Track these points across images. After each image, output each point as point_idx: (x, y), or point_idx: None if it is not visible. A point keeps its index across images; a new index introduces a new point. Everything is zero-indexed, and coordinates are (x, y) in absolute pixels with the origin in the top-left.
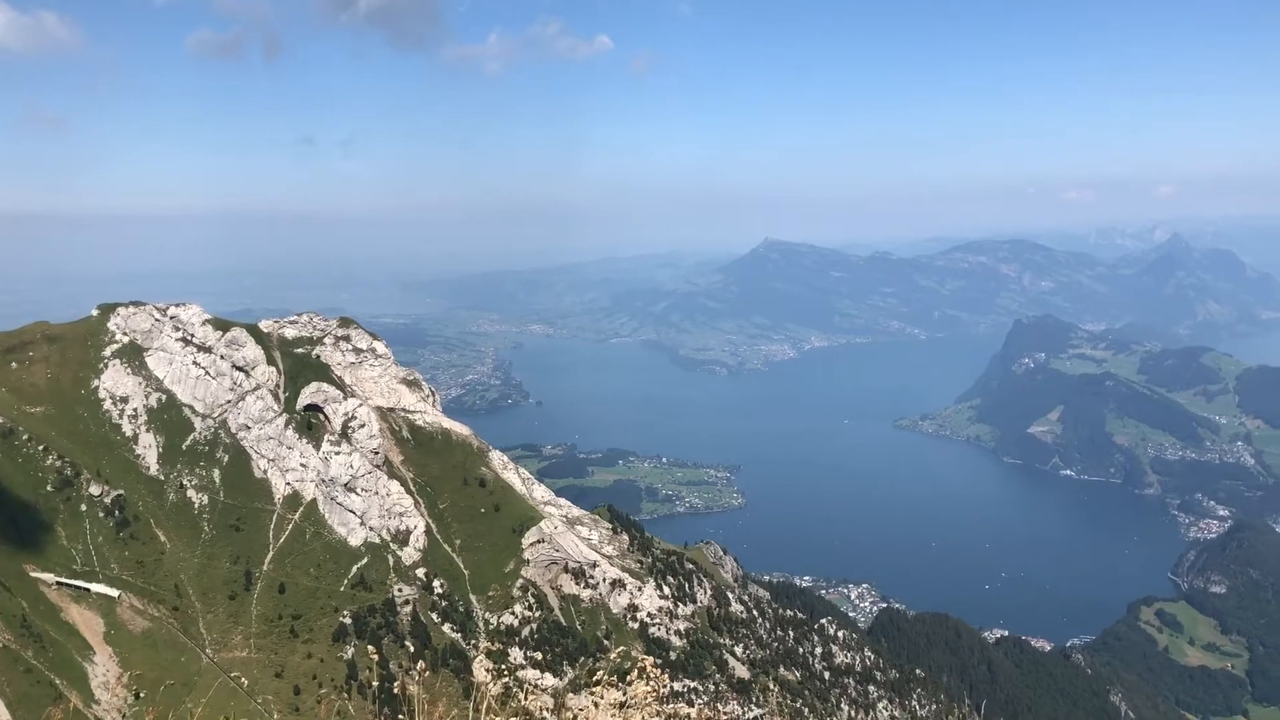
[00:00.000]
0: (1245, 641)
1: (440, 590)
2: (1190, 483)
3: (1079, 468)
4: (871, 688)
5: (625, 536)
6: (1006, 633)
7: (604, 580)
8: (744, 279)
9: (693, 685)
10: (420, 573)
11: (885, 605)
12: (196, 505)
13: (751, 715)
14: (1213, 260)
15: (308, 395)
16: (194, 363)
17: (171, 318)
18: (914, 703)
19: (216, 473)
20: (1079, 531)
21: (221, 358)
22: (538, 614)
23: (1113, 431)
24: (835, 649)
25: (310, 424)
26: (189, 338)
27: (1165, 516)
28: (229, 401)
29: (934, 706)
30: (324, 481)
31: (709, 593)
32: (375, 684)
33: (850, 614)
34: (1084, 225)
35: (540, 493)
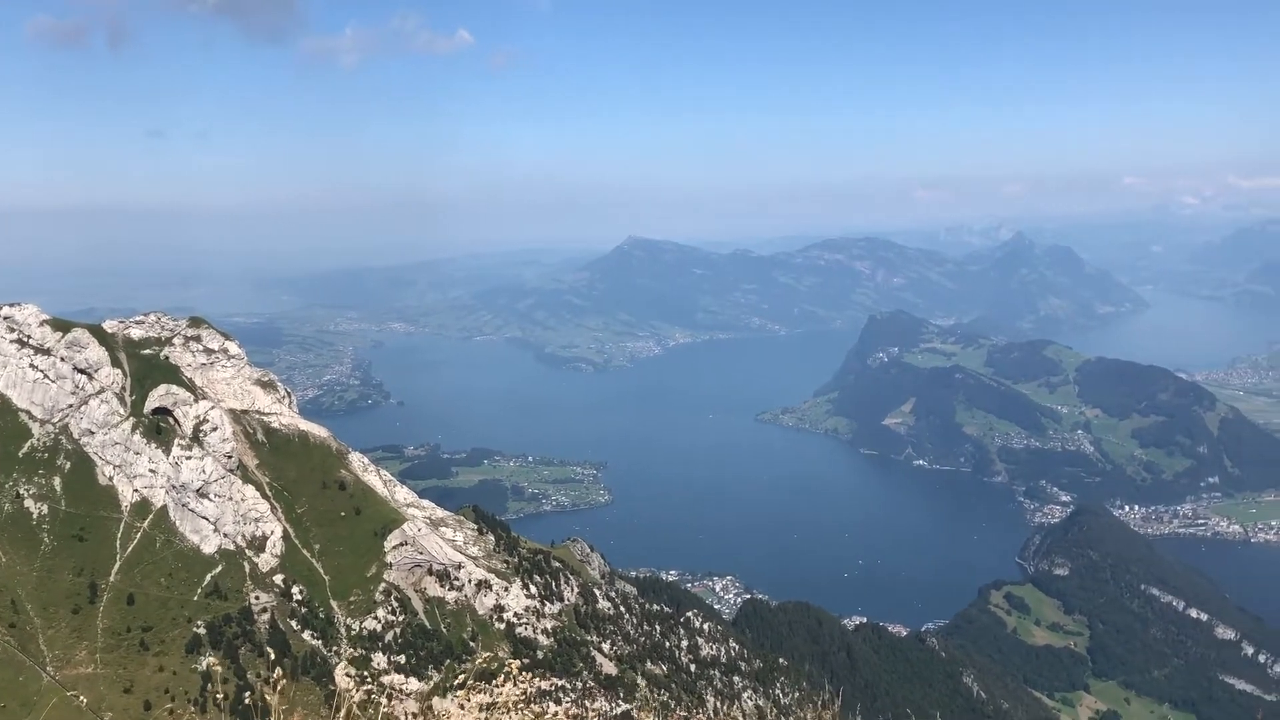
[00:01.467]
0: (1086, 620)
1: (300, 597)
2: (1035, 470)
3: (931, 457)
4: (736, 678)
5: (491, 537)
6: (865, 619)
7: (469, 581)
8: (608, 276)
9: (561, 683)
10: (278, 579)
11: (749, 596)
12: (35, 516)
13: (619, 711)
14: (1054, 257)
15: (156, 398)
16: (31, 365)
17: (5, 318)
18: (777, 691)
19: (57, 481)
20: (932, 519)
21: (62, 360)
22: (401, 618)
23: (962, 422)
24: (701, 641)
25: (159, 428)
26: (25, 339)
27: (1012, 503)
28: (70, 406)
29: (796, 694)
30: (175, 487)
31: (576, 590)
32: (229, 696)
33: (715, 606)
34: (934, 223)
35: (403, 495)
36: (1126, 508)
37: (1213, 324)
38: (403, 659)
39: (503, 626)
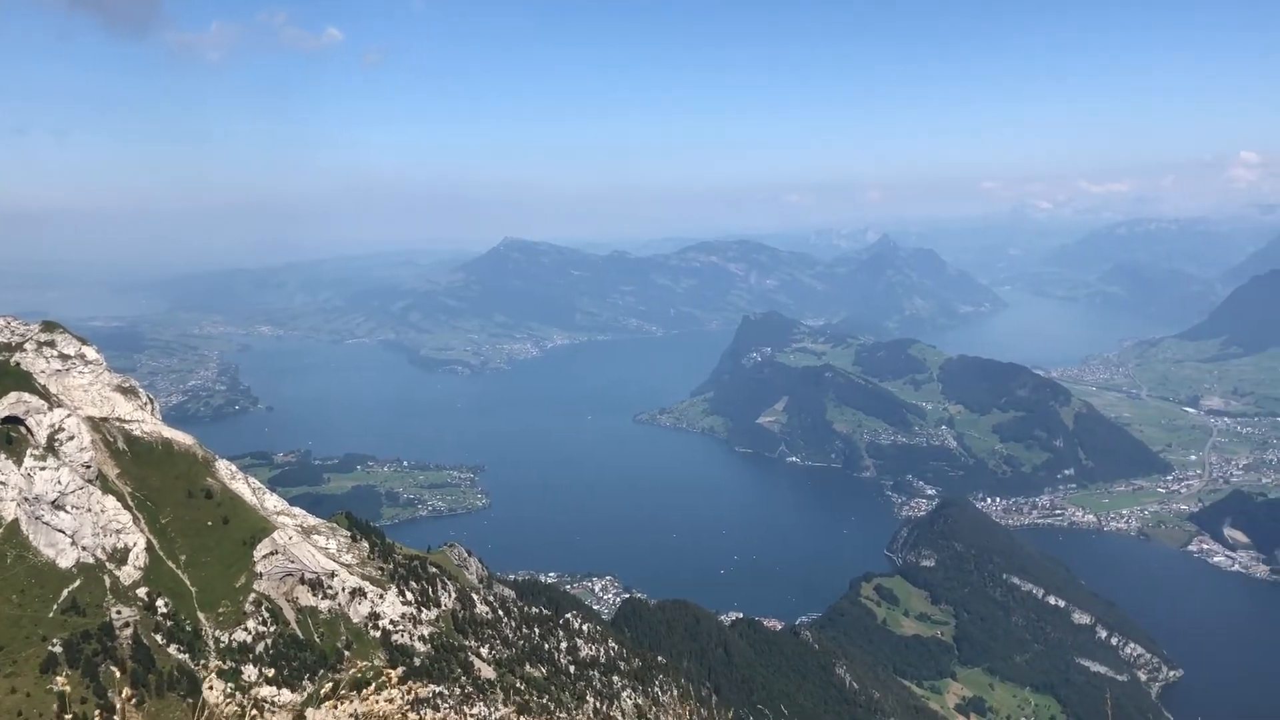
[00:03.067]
0: (952, 610)
1: (165, 610)
2: (902, 465)
3: (803, 454)
4: (616, 678)
5: (365, 544)
6: (741, 614)
7: (343, 590)
8: (485, 277)
9: (439, 690)
10: (141, 593)
11: (628, 596)
12: None
13: (497, 715)
14: (917, 259)
15: (6, 406)
16: None
17: None
18: (656, 689)
19: None
20: (805, 514)
21: None
22: (273, 628)
23: (832, 419)
24: (580, 642)
25: (10, 438)
26: None
27: (880, 497)
28: None
29: (675, 691)
30: (27, 500)
31: (453, 596)
32: (86, 716)
33: (595, 606)
34: (804, 226)
35: (273, 502)
36: (988, 500)
37: (1067, 323)
38: (275, 670)
39: (378, 634)
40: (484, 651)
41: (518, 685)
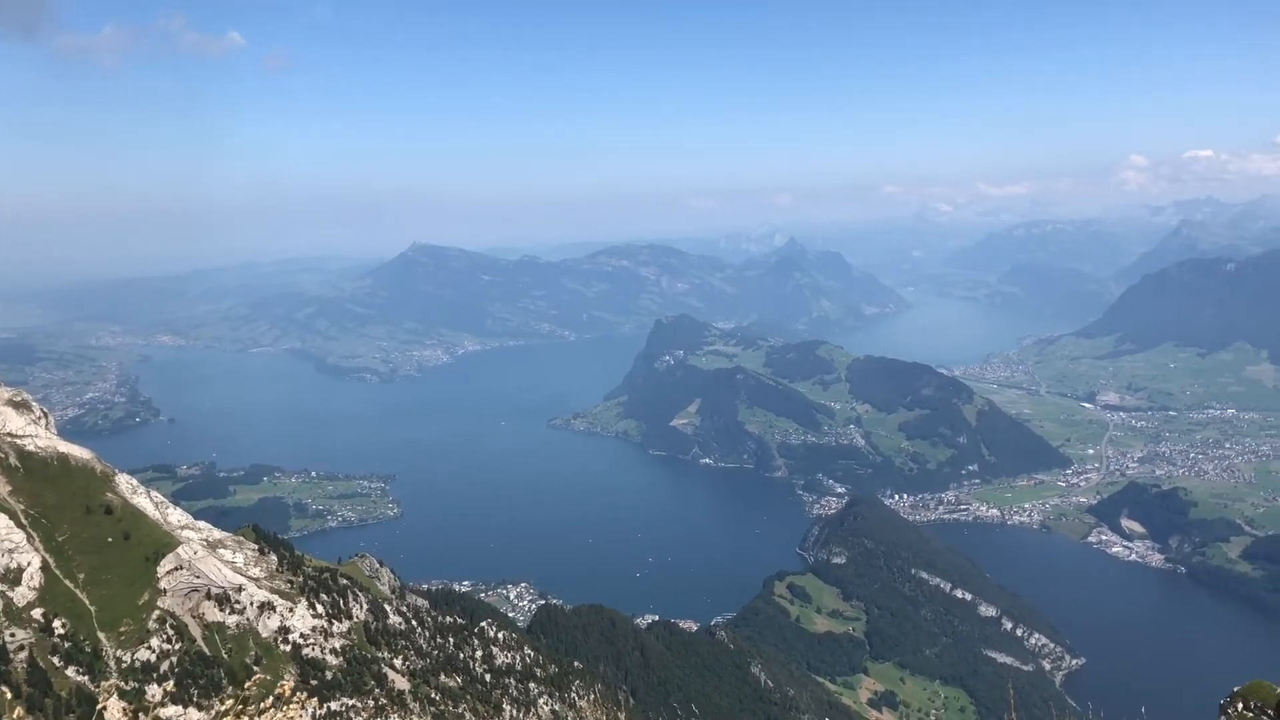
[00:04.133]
0: (864, 606)
1: (62, 631)
2: (812, 464)
3: (716, 456)
4: (532, 685)
5: (274, 556)
6: (657, 617)
7: (251, 604)
8: (393, 283)
9: (351, 703)
10: (37, 614)
11: (544, 602)
12: None
13: None
14: (824, 262)
15: None
16: None
17: None
18: (573, 694)
19: None
20: (719, 515)
21: None
22: (178, 646)
23: (744, 420)
24: (496, 650)
25: None
26: None
27: (792, 496)
28: None
29: (592, 696)
30: None
31: (365, 607)
32: None
33: (510, 614)
34: (714, 231)
35: (176, 516)
36: (896, 496)
37: (969, 322)
38: (180, 689)
39: (288, 648)
40: (397, 663)
41: (432, 695)
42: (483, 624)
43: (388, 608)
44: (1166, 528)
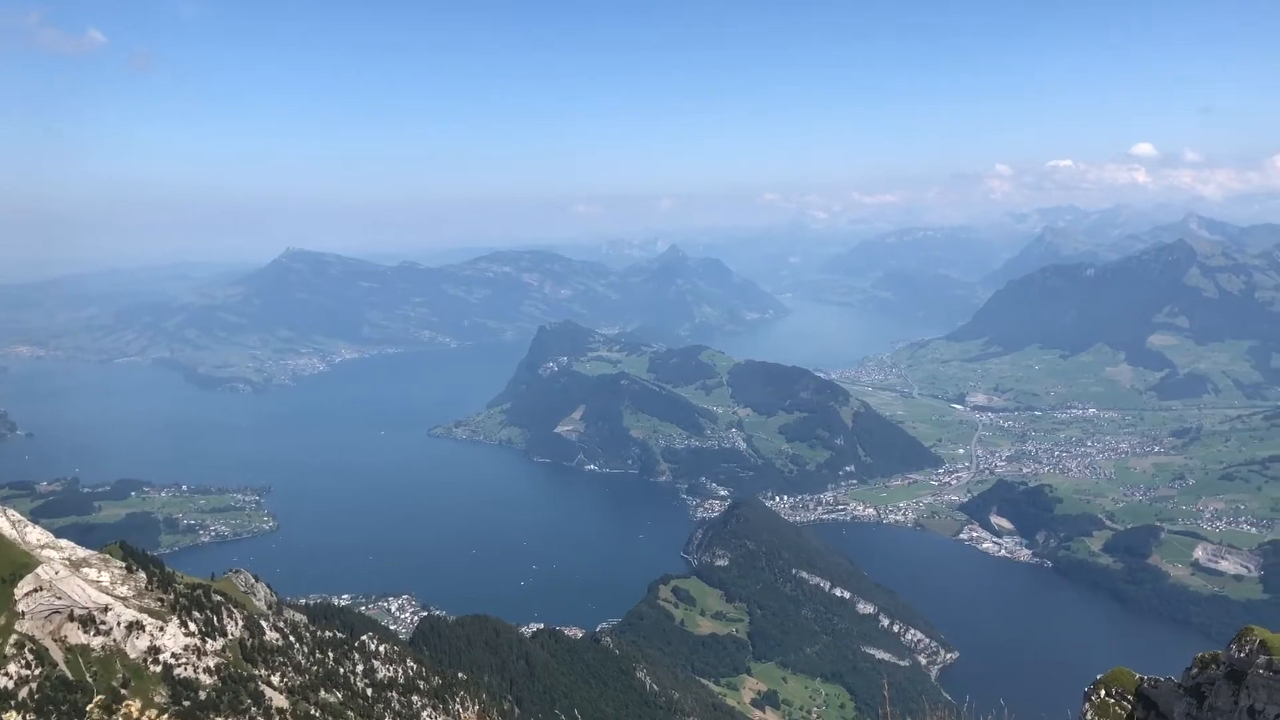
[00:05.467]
0: (746, 607)
1: None
2: (695, 468)
3: (601, 461)
4: (415, 697)
5: (142, 574)
6: (542, 625)
7: (119, 624)
8: (266, 291)
9: None
10: None
11: (426, 613)
12: None
13: None
14: (705, 268)
15: None
16: None
17: None
18: (457, 706)
19: None
20: (604, 521)
21: None
22: (38, 671)
23: (629, 426)
24: (377, 664)
25: None
26: None
27: (676, 500)
28: None
29: (476, 707)
30: None
31: (241, 624)
32: None
33: (392, 626)
34: (596, 237)
35: (36, 535)
36: (777, 498)
37: (844, 327)
38: (40, 716)
39: (159, 669)
40: (275, 680)
41: (312, 712)
42: (363, 638)
43: (264, 624)
44: (1033, 524)
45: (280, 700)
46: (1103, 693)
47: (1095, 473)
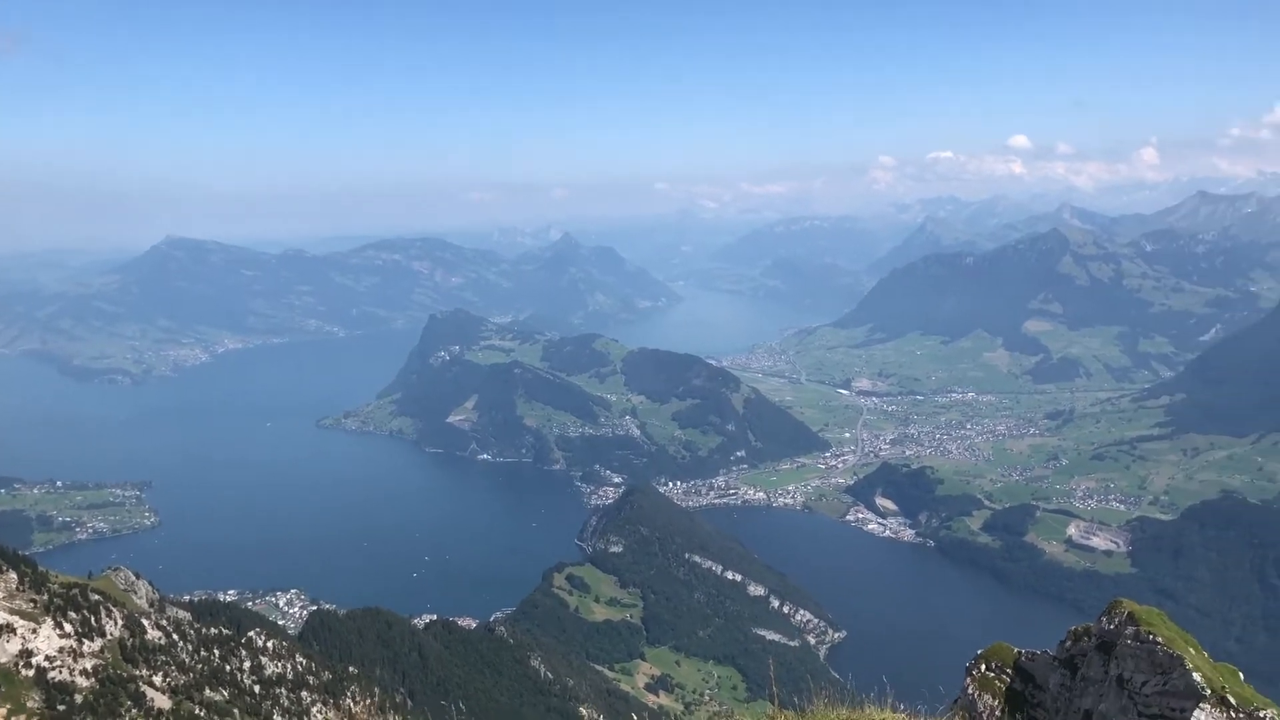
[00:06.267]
0: (640, 592)
1: None
2: (589, 456)
3: (495, 451)
4: (304, 693)
5: (13, 574)
6: (435, 617)
7: None
8: (145, 279)
9: None
10: None
11: (316, 608)
12: None
13: None
14: (598, 257)
15: None
16: None
17: None
18: (348, 700)
19: None
20: (497, 511)
21: None
22: None
23: (523, 415)
24: (265, 660)
25: None
26: None
27: (571, 488)
28: None
29: (369, 700)
30: None
31: (120, 623)
32: None
33: (280, 622)
34: (488, 225)
35: None
36: (670, 484)
37: (735, 315)
38: None
39: (32, 673)
40: (158, 680)
41: (196, 711)
42: (250, 634)
43: (145, 622)
44: (916, 504)
45: (163, 701)
46: (983, 667)
47: (974, 454)
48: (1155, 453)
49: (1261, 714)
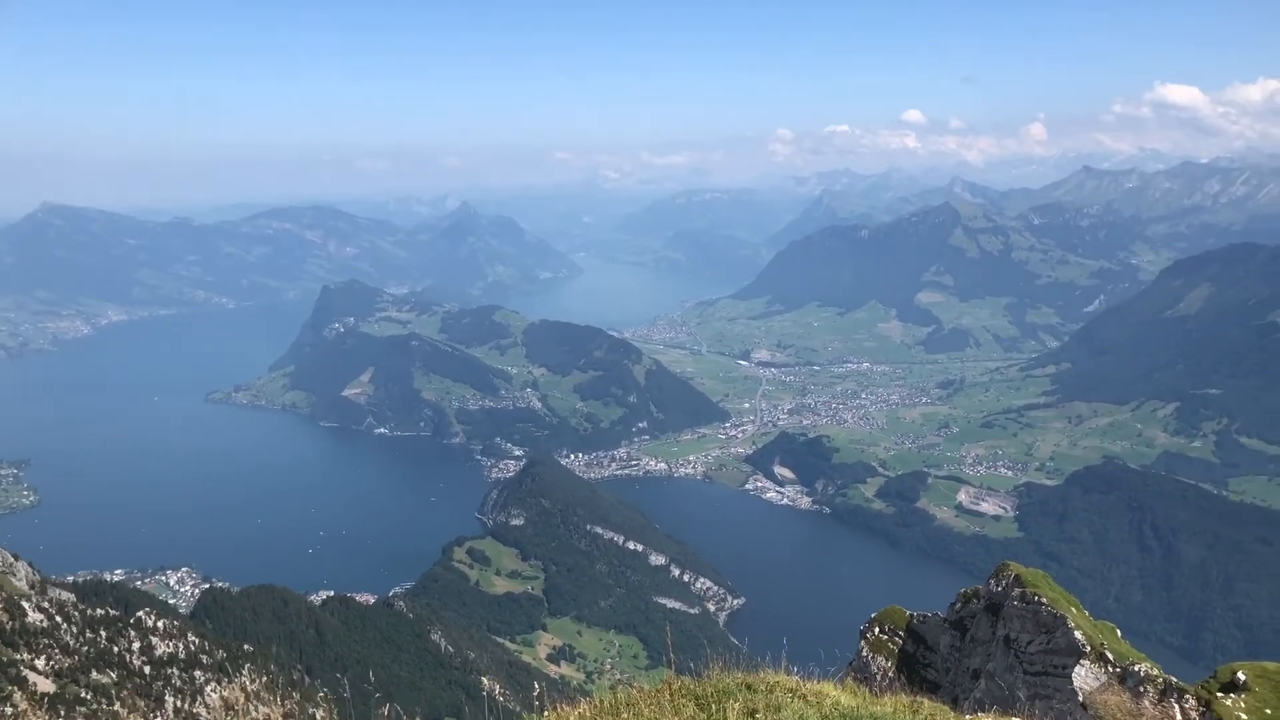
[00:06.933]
0: (541, 565)
1: None
2: (490, 429)
3: (392, 425)
4: (198, 673)
5: None
6: (332, 593)
7: None
8: (20, 248)
9: None
10: None
11: (209, 586)
12: None
13: None
14: (498, 227)
15: None
16: None
17: None
18: (243, 678)
19: None
20: (395, 485)
21: None
22: None
23: (420, 388)
24: (156, 640)
25: None
26: None
27: (470, 462)
28: None
29: (264, 678)
30: None
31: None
32: None
33: (171, 601)
34: (383, 193)
35: None
36: (572, 456)
37: (637, 287)
38: None
39: None
40: (40, 664)
41: (82, 694)
42: (139, 614)
43: (26, 605)
44: (813, 472)
45: (46, 685)
46: (877, 630)
47: (869, 423)
48: (1041, 420)
49: (1136, 668)
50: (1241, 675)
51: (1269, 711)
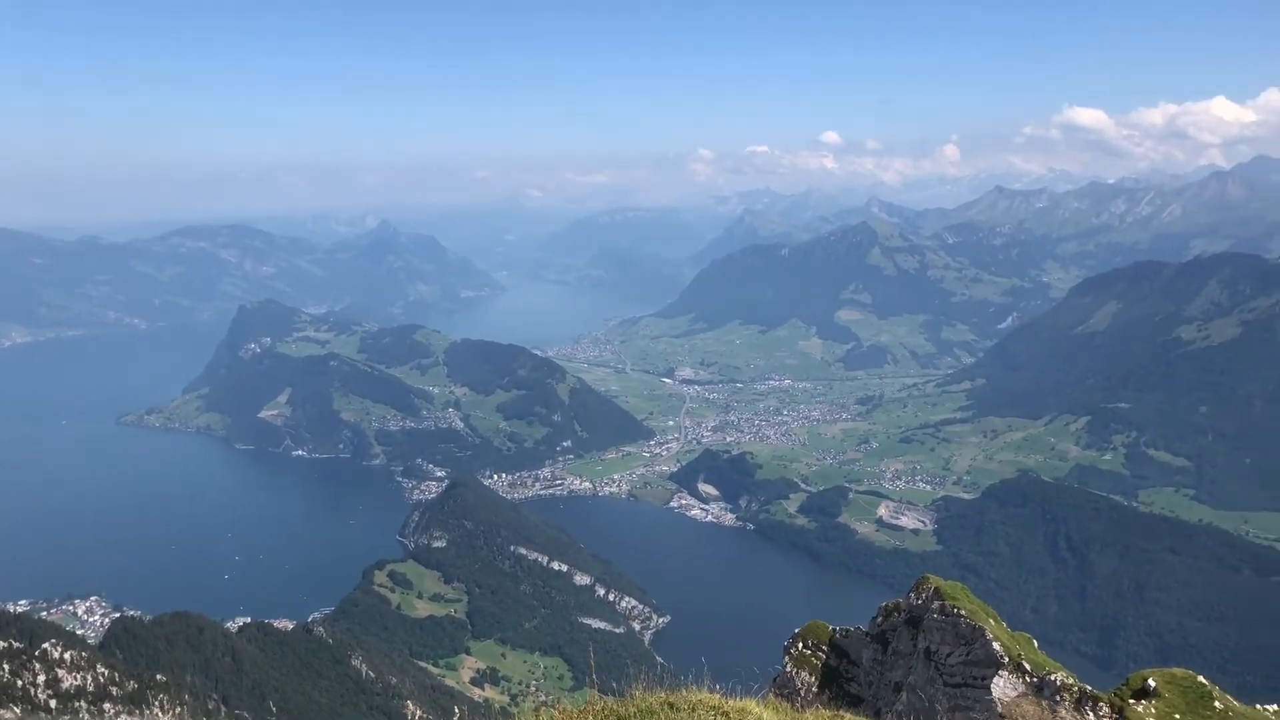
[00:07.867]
0: (465, 587)
1: None
2: (411, 450)
3: (310, 446)
4: (108, 705)
5: None
6: (249, 619)
7: None
8: None
9: None
10: None
11: (119, 615)
12: None
13: None
14: (419, 245)
15: None
16: None
17: None
18: (155, 710)
19: None
20: (313, 508)
21: None
22: None
23: (340, 409)
24: (62, 672)
25: None
26: None
27: (391, 483)
28: None
29: (179, 709)
30: None
31: None
32: None
33: (79, 631)
34: (300, 211)
35: None
36: (496, 476)
37: (560, 305)
38: None
39: None
40: None
41: None
42: (45, 645)
43: None
44: (737, 489)
45: None
46: (800, 645)
47: (791, 439)
48: (958, 435)
49: (1051, 677)
50: (1152, 682)
51: (1178, 717)
